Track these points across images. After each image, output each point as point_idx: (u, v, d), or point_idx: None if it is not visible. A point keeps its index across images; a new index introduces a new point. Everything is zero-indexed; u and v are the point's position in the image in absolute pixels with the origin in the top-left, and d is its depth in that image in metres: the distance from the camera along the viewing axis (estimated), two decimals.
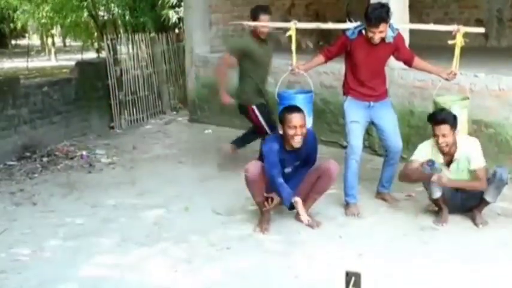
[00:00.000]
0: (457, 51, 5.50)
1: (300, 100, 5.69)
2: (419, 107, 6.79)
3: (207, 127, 9.46)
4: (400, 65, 6.09)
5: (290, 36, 5.64)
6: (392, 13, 5.35)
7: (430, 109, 6.41)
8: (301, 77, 6.00)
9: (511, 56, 7.86)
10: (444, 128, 5.02)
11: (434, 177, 5.04)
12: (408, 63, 5.76)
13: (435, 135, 5.09)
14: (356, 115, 5.61)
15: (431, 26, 6.01)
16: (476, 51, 8.72)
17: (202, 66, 9.80)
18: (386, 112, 5.72)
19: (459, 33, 5.46)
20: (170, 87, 11.09)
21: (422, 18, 10.43)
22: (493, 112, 6.22)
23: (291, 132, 5.03)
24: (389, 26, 5.41)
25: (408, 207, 5.75)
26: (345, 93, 5.74)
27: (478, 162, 5.13)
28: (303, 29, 5.92)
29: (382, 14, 5.24)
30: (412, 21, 7.17)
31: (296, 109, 5.16)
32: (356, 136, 5.61)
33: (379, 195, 5.97)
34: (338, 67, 7.24)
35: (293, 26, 5.61)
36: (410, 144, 6.65)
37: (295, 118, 5.04)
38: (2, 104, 7.77)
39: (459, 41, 5.47)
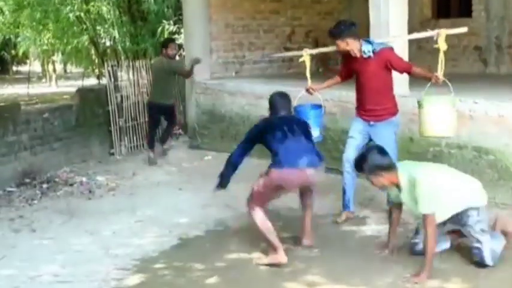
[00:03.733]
0: (441, 55, 5.65)
1: (312, 114, 6.09)
2: (419, 133, 6.79)
3: (207, 153, 9.45)
4: (399, 92, 6.12)
5: (304, 62, 6.26)
6: (354, 30, 5.74)
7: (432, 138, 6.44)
8: (315, 96, 6.31)
9: (510, 83, 7.89)
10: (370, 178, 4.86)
11: None
12: (407, 72, 5.94)
13: None
14: (355, 131, 6.02)
15: (413, 35, 6.35)
16: (476, 78, 8.78)
17: (202, 93, 9.83)
18: (383, 131, 5.91)
19: (440, 37, 5.64)
20: None
21: (422, 45, 10.52)
22: (493, 138, 6.22)
23: None
24: (368, 42, 5.80)
25: None
26: (356, 109, 6.13)
27: (421, 208, 4.71)
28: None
29: (333, 31, 5.78)
30: (410, 47, 7.22)
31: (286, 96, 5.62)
32: (348, 149, 6.02)
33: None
34: (337, 94, 7.28)
35: (304, 53, 6.24)
36: None
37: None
38: (3, 130, 7.78)
39: (442, 45, 5.63)
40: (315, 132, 5.85)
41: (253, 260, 5.23)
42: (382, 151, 4.89)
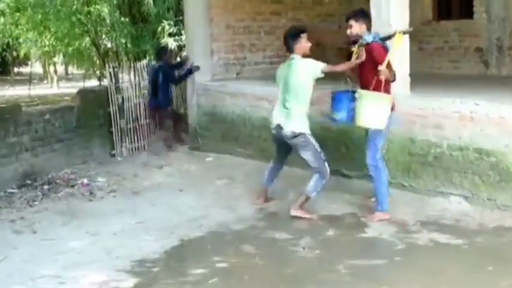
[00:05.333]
0: (392, 50, 5.96)
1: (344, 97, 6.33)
2: (419, 135, 6.79)
3: (208, 155, 9.45)
4: (401, 92, 6.11)
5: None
6: (367, 16, 6.29)
7: (431, 137, 6.46)
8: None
9: (511, 84, 7.88)
10: None
11: None
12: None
13: None
14: None
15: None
16: (477, 80, 8.78)
17: (203, 95, 9.83)
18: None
19: (398, 33, 5.99)
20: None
21: (423, 46, 10.53)
22: (494, 140, 6.22)
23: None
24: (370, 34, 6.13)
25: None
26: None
27: None
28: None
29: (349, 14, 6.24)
30: (411, 48, 7.21)
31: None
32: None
33: None
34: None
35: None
36: (411, 172, 6.67)
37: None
38: (4, 131, 7.79)
39: (397, 42, 5.98)
40: (339, 115, 6.34)
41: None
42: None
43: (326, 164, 6.31)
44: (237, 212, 6.55)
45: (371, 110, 5.82)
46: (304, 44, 6.35)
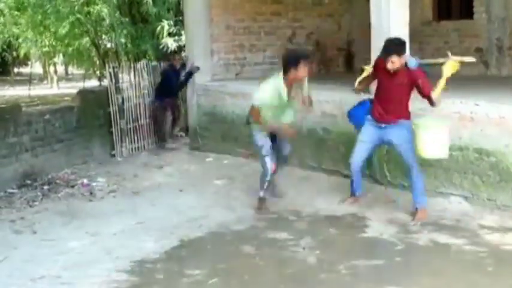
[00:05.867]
0: (442, 80, 5.84)
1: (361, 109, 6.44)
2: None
3: (208, 155, 9.45)
4: None
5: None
6: (405, 47, 5.98)
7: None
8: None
9: (511, 85, 7.88)
10: None
11: None
12: (425, 95, 5.99)
13: None
14: (365, 135, 6.27)
15: (426, 61, 6.50)
16: (477, 80, 8.77)
17: (203, 95, 9.84)
18: (398, 130, 6.08)
19: (451, 61, 5.86)
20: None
21: (423, 47, 10.52)
22: (494, 140, 6.22)
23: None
24: (408, 59, 5.97)
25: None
26: (370, 112, 6.28)
27: None
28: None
29: (391, 48, 5.88)
30: (412, 49, 7.20)
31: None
32: (357, 152, 6.31)
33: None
34: (339, 96, 7.28)
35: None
36: None
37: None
38: (4, 131, 7.79)
39: (451, 70, 5.84)
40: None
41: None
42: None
43: (267, 159, 6.47)
44: (237, 212, 6.55)
45: (435, 140, 5.80)
46: (300, 72, 6.19)
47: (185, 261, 5.35)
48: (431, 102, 5.92)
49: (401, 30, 6.95)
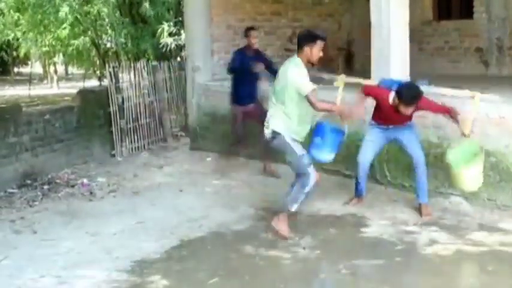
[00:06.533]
0: (473, 115, 5.96)
1: (330, 137, 5.84)
2: (419, 135, 6.79)
3: (208, 155, 9.44)
4: None
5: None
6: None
7: (431, 138, 6.46)
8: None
9: (511, 84, 7.88)
10: None
11: None
12: (442, 113, 6.14)
13: None
14: (373, 135, 6.35)
15: (447, 91, 6.39)
16: (477, 80, 8.77)
17: (203, 94, 9.83)
18: (404, 128, 6.20)
19: (476, 97, 6.01)
20: (171, 115, 11.11)
21: (423, 47, 10.53)
22: (494, 140, 6.22)
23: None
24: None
25: None
26: (372, 119, 6.41)
27: None
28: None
29: (415, 99, 5.84)
30: (412, 49, 7.22)
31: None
32: (365, 151, 6.37)
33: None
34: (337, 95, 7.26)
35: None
36: (411, 172, 6.64)
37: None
38: (4, 131, 7.78)
39: (475, 107, 6.00)
40: (330, 156, 5.89)
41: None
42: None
43: (310, 168, 5.66)
44: (237, 212, 6.55)
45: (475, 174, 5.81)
46: (314, 51, 5.63)
47: (185, 261, 5.34)
48: (450, 112, 5.98)
49: (401, 30, 6.96)
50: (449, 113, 5.98)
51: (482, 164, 5.82)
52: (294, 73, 5.56)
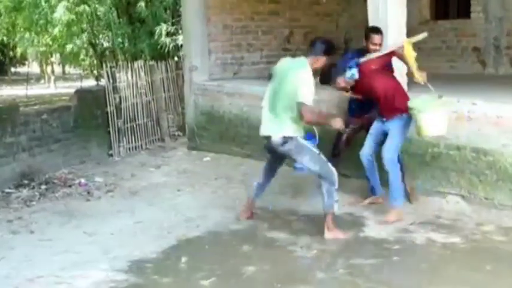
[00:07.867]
0: (411, 61, 6.07)
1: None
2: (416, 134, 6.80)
3: (205, 155, 9.45)
4: None
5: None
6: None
7: (429, 138, 6.45)
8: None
9: (508, 84, 7.89)
10: None
11: None
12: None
13: None
14: (373, 129, 6.37)
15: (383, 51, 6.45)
16: (474, 79, 8.79)
17: (201, 94, 9.83)
18: (394, 122, 6.12)
19: (406, 42, 6.10)
20: (169, 114, 11.12)
21: (420, 46, 10.51)
22: (492, 140, 6.22)
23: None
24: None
25: None
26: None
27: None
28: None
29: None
30: None
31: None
32: (364, 146, 6.37)
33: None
34: (336, 94, 7.26)
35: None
36: (408, 171, 6.65)
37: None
38: (1, 131, 7.77)
39: (409, 53, 6.06)
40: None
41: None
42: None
43: (330, 164, 5.66)
44: (234, 211, 6.54)
45: (437, 120, 5.78)
46: (320, 62, 5.64)
47: (183, 260, 5.33)
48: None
49: (398, 29, 6.96)
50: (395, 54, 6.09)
51: (446, 114, 5.80)
52: (304, 79, 5.46)
